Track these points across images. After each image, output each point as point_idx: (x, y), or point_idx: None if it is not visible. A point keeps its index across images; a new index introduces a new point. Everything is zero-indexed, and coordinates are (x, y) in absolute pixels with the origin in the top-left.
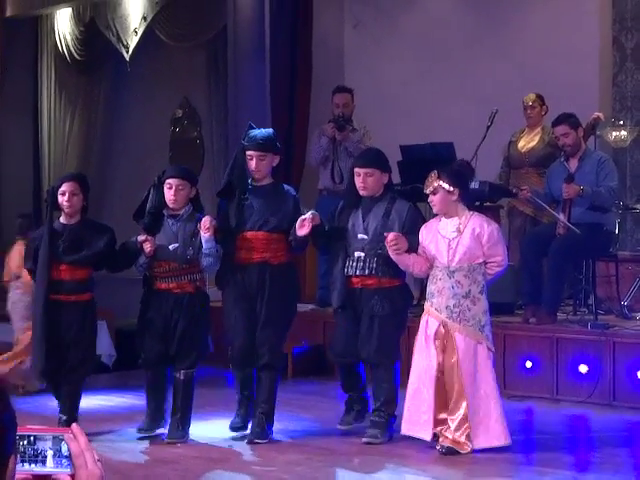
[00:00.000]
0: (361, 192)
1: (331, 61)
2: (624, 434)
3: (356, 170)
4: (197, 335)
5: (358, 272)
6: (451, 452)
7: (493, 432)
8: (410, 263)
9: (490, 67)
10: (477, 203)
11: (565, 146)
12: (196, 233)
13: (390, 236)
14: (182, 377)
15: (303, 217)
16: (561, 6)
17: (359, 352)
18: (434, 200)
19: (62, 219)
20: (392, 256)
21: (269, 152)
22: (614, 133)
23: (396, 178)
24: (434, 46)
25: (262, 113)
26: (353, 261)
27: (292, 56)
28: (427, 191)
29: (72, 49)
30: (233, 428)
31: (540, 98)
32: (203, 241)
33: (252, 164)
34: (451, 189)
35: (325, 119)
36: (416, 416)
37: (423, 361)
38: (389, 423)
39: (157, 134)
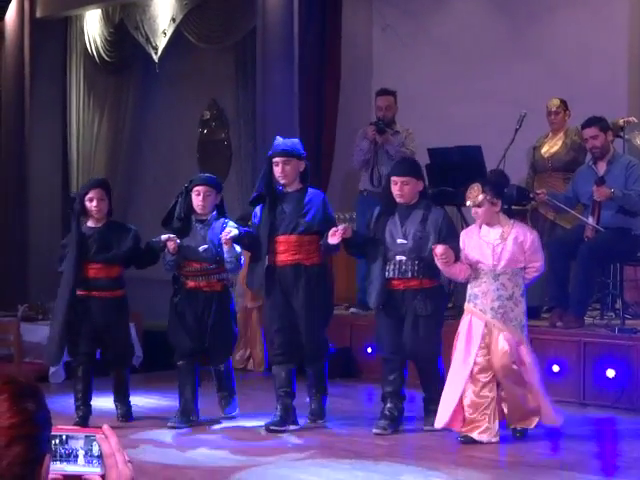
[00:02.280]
0: (398, 199)
1: (359, 63)
2: None
3: (393, 179)
4: (227, 328)
5: (399, 275)
6: (468, 442)
7: (546, 414)
8: (457, 271)
9: (518, 69)
10: (505, 206)
11: (594, 148)
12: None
13: (440, 249)
14: (222, 368)
15: (336, 228)
16: (590, 8)
17: (405, 350)
18: (479, 212)
19: (90, 223)
20: (441, 267)
21: (293, 157)
22: None
23: None
24: (462, 49)
25: (290, 115)
26: (394, 264)
27: (320, 58)
28: (470, 204)
29: (101, 50)
30: (269, 427)
31: (564, 103)
32: (224, 251)
33: (278, 170)
34: (495, 201)
35: (353, 121)
36: (446, 410)
37: (462, 360)
38: None
39: (185, 136)
